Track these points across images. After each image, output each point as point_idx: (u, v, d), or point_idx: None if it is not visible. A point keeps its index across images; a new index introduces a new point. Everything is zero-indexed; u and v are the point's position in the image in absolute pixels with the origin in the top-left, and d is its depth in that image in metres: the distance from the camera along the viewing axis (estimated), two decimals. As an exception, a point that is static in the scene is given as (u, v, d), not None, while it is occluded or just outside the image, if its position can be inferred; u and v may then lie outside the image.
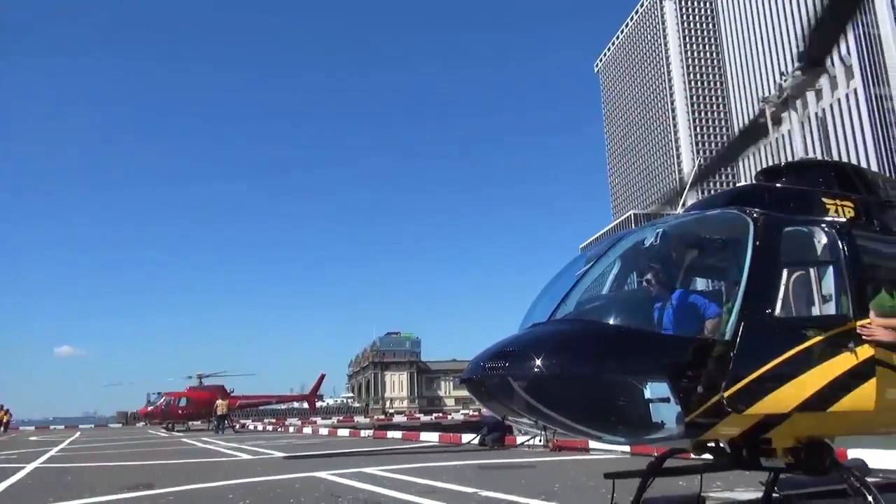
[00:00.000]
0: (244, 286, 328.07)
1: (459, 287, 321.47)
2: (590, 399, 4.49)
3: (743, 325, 4.55)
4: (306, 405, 68.91)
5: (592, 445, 15.33)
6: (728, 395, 4.43)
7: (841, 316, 4.86)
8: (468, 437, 21.38)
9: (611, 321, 5.07)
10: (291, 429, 40.65)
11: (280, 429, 42.42)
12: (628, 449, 13.78)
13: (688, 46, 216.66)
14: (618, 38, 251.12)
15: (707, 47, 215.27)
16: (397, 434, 28.02)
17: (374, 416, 71.11)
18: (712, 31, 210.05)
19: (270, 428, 44.66)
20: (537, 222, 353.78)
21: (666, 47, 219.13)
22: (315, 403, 68.83)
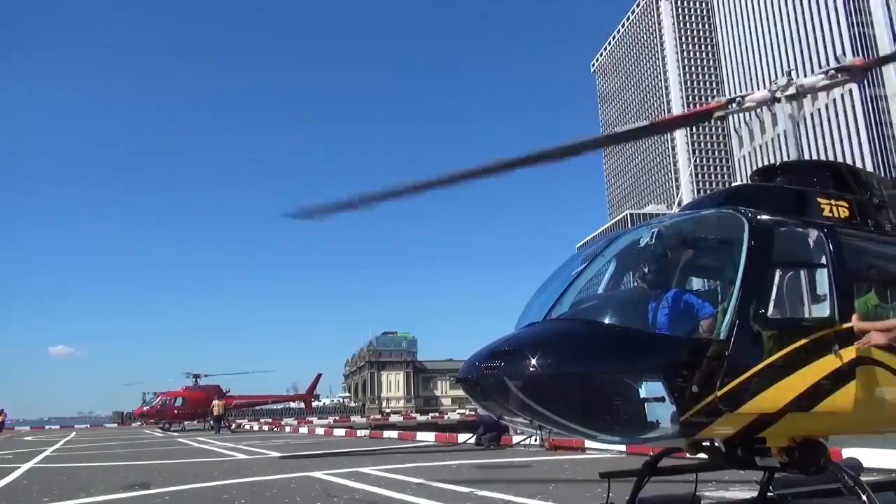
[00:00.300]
0: (240, 286, 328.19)
1: (456, 286, 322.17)
2: (585, 398, 4.49)
3: (737, 325, 4.57)
4: (302, 405, 68.84)
5: (588, 445, 15.34)
6: (722, 395, 4.44)
7: (835, 316, 4.87)
8: (464, 437, 21.38)
9: (606, 321, 5.07)
10: (287, 429, 40.61)
11: (276, 429, 42.36)
12: (624, 448, 13.80)
13: (683, 46, 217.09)
14: (614, 38, 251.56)
15: (703, 47, 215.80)
16: (393, 434, 28.03)
17: (371, 416, 71.02)
18: (708, 31, 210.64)
19: (266, 428, 44.57)
20: (534, 222, 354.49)
21: (662, 47, 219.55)
22: (311, 403, 68.75)
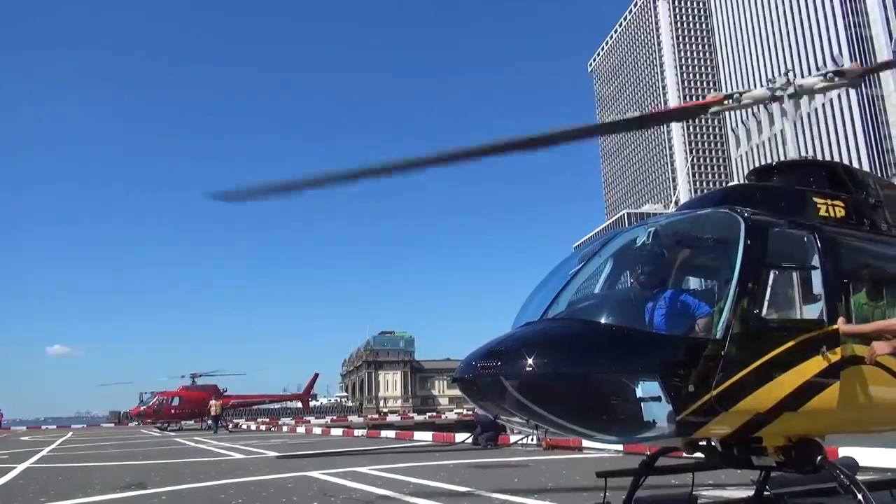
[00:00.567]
0: (237, 286, 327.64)
1: (453, 286, 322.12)
2: (581, 398, 4.49)
3: (733, 325, 4.57)
4: (300, 405, 68.83)
5: (586, 444, 15.36)
6: (718, 394, 4.45)
7: (830, 315, 4.88)
8: (462, 437, 21.38)
9: (602, 320, 5.06)
10: (285, 428, 40.59)
11: (273, 428, 42.34)
12: (621, 448, 13.81)
13: (681, 45, 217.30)
14: (611, 38, 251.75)
15: (700, 46, 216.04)
16: (391, 433, 28.03)
17: (368, 416, 71.08)
18: (705, 31, 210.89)
19: (264, 427, 44.56)
20: (532, 222, 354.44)
21: (659, 46, 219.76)
22: (309, 403, 68.78)
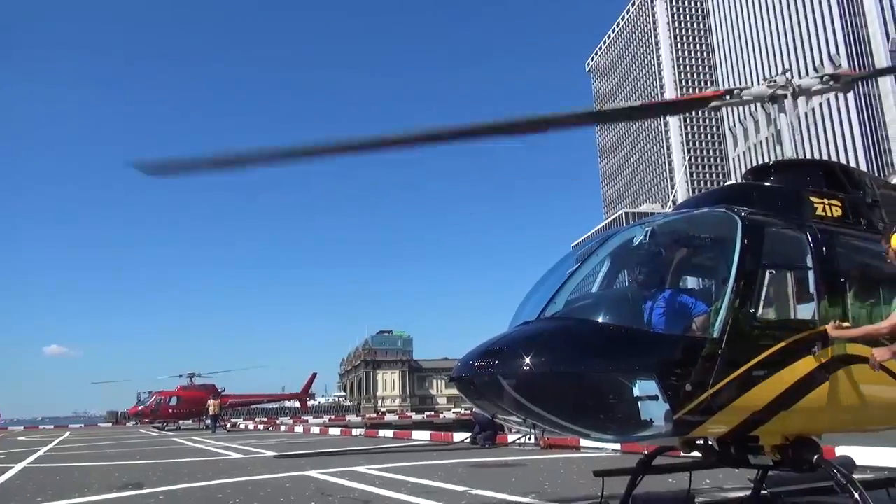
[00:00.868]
0: (235, 285, 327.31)
1: (451, 285, 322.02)
2: (578, 397, 4.49)
3: (730, 324, 4.58)
4: (298, 404, 68.79)
5: (583, 444, 15.35)
6: (715, 393, 4.46)
7: (827, 314, 4.89)
8: (460, 436, 21.39)
9: (599, 320, 5.07)
10: (283, 428, 40.57)
11: (271, 428, 42.32)
12: (619, 447, 13.81)
13: (678, 45, 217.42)
14: (609, 37, 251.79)
15: (698, 46, 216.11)
16: (389, 433, 28.00)
17: (366, 415, 71.06)
18: (703, 31, 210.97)
19: (262, 427, 44.54)
20: (529, 221, 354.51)
21: (657, 46, 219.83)
22: (306, 402, 68.74)
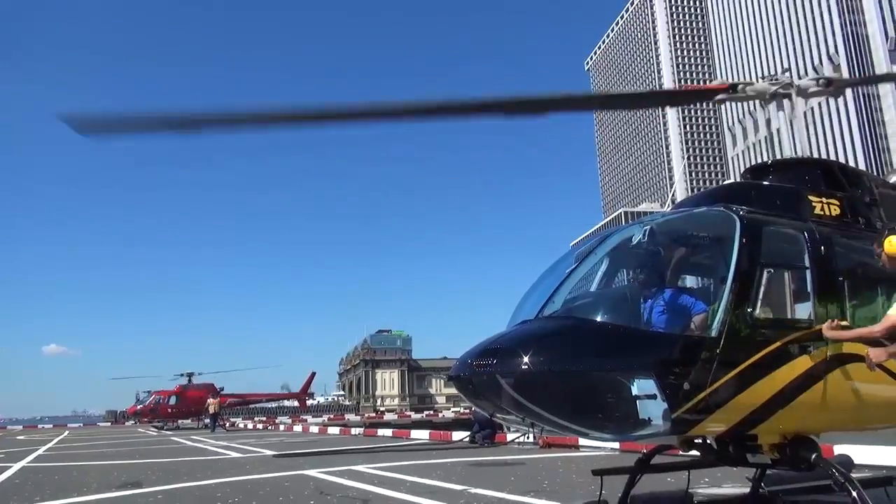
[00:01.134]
0: (234, 285, 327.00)
1: (451, 284, 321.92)
2: (577, 396, 4.49)
3: (728, 323, 4.58)
4: (297, 403, 68.81)
5: (582, 442, 15.36)
6: (713, 392, 4.46)
7: (825, 313, 4.90)
8: (459, 435, 21.39)
9: (598, 319, 5.08)
10: (282, 427, 40.61)
11: (270, 427, 42.34)
12: (618, 446, 13.81)
13: (677, 43, 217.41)
14: (608, 36, 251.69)
15: (696, 44, 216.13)
16: (388, 432, 28.02)
17: (365, 414, 71.15)
18: (702, 30, 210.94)
19: (261, 426, 44.55)
20: (528, 220, 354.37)
21: (656, 45, 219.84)
22: (305, 402, 68.74)
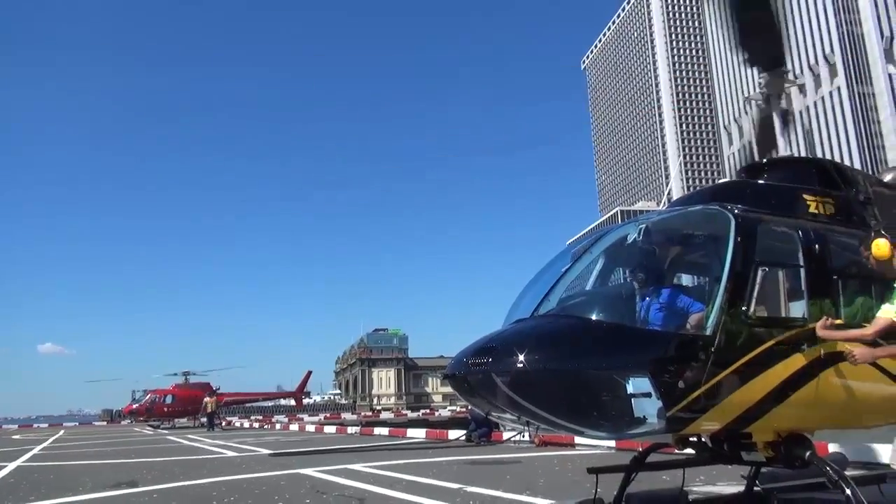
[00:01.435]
0: (230, 283, 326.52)
1: (447, 283, 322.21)
2: (572, 394, 4.49)
3: (723, 321, 4.58)
4: (293, 402, 68.75)
5: (578, 441, 15.38)
6: (708, 390, 4.46)
7: (819, 312, 4.91)
8: (455, 434, 21.39)
9: (593, 317, 5.09)
10: (278, 426, 40.58)
11: (267, 426, 42.31)
12: (613, 444, 13.85)
13: (674, 43, 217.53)
14: (605, 35, 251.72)
15: (693, 44, 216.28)
16: (384, 431, 27.98)
17: (362, 413, 71.21)
18: (698, 28, 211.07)
19: (257, 425, 44.52)
20: (525, 219, 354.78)
21: (652, 44, 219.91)
22: (302, 400, 68.72)
